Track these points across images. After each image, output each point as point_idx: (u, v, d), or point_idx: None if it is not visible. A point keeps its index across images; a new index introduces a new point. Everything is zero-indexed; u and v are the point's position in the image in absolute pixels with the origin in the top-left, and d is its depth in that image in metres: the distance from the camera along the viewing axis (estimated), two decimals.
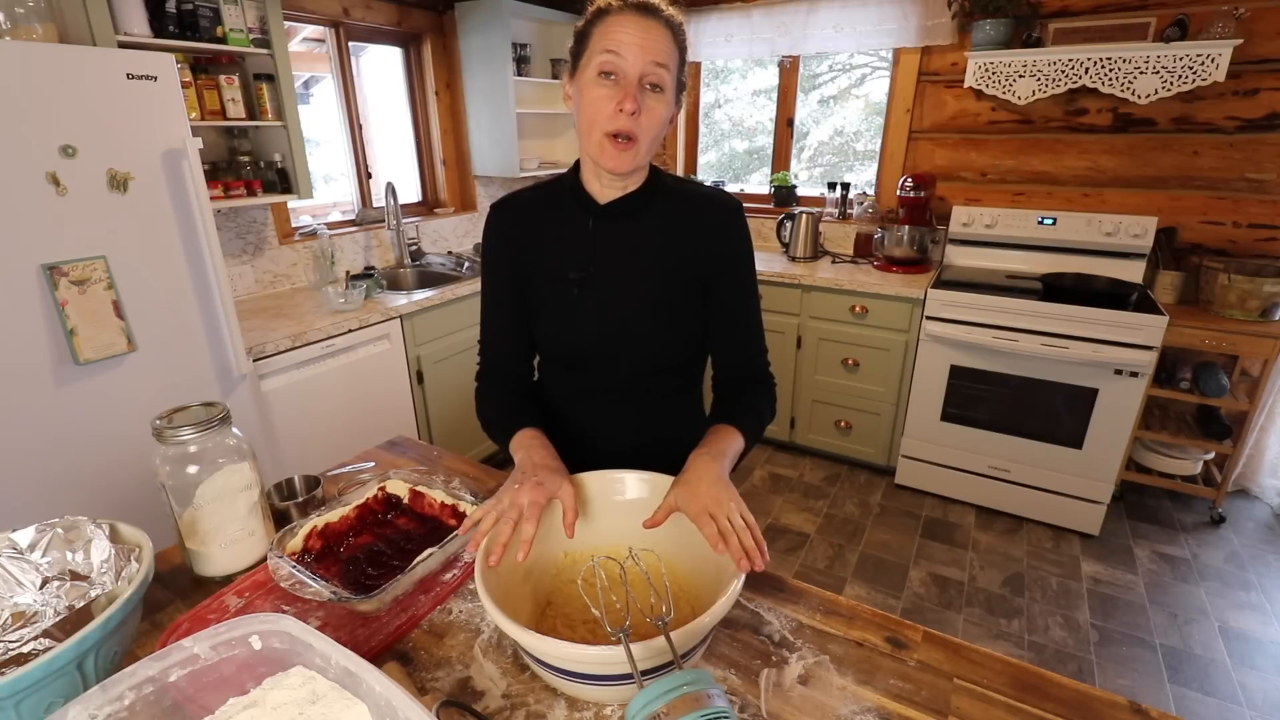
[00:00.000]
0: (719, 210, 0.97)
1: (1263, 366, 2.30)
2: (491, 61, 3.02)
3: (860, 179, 3.36)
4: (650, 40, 0.81)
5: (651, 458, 0.95)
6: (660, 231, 0.95)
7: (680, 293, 0.96)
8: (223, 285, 1.76)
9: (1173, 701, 1.79)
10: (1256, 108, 2.34)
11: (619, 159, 0.86)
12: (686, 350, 1.01)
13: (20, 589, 0.68)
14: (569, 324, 0.98)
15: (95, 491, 1.61)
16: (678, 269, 0.95)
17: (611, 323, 0.96)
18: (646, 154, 0.88)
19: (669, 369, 1.02)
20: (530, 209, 1.00)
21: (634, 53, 0.81)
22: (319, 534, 0.92)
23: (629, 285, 0.96)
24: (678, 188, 0.98)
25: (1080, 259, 2.64)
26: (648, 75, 0.82)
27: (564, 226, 0.97)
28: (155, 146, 1.59)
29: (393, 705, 0.54)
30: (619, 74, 0.82)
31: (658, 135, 0.87)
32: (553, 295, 0.98)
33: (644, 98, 0.83)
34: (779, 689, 0.73)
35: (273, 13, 2.10)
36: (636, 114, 0.83)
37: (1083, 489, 2.43)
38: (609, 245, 0.96)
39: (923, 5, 2.70)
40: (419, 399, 2.53)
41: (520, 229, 1.00)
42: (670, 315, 0.97)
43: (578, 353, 1.00)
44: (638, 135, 0.85)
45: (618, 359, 0.99)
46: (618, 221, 0.96)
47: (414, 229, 3.06)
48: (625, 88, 0.83)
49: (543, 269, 0.98)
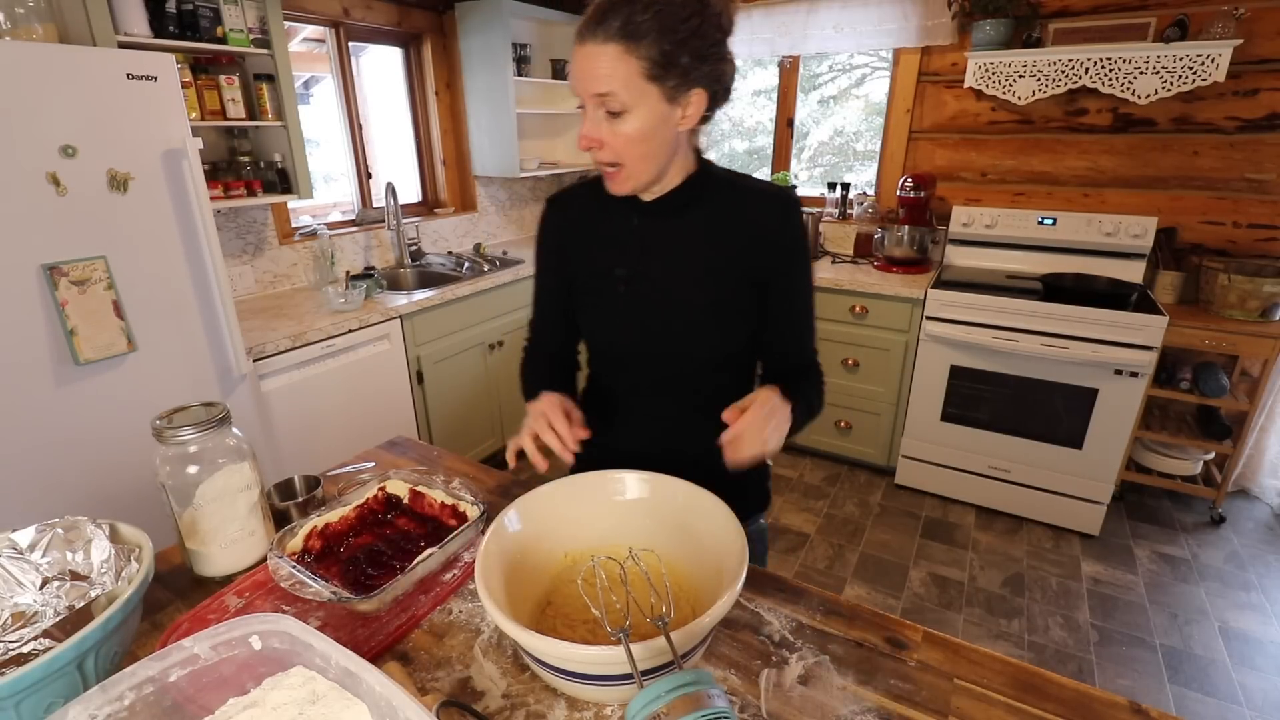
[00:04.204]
0: (772, 204, 0.93)
1: (1263, 366, 2.30)
2: (491, 61, 3.02)
3: (860, 179, 3.36)
4: (588, 68, 0.80)
5: (702, 465, 0.94)
6: (708, 227, 0.93)
7: (729, 291, 0.93)
8: (223, 285, 1.76)
9: (1173, 701, 1.79)
10: (1256, 108, 2.34)
11: (610, 184, 0.90)
12: (734, 348, 0.98)
13: (20, 589, 0.68)
14: (613, 322, 0.98)
15: (95, 491, 1.61)
16: (726, 266, 0.93)
17: (656, 321, 0.95)
18: (640, 173, 0.87)
19: (717, 367, 0.99)
20: (581, 205, 1.01)
21: (581, 86, 0.82)
22: (319, 534, 0.92)
23: (674, 283, 0.94)
24: (729, 181, 0.94)
25: (1080, 259, 2.64)
26: (603, 104, 0.81)
27: (611, 223, 0.97)
28: (155, 146, 1.59)
29: (393, 705, 0.54)
30: (584, 107, 0.84)
31: (645, 151, 0.85)
32: (599, 292, 0.98)
33: (607, 124, 0.83)
34: (779, 689, 0.73)
35: (273, 13, 2.10)
36: (598, 146, 0.84)
37: (1083, 489, 2.43)
38: (654, 243, 0.95)
39: (923, 5, 2.70)
40: (419, 399, 2.53)
41: (570, 225, 1.01)
42: (717, 314, 0.94)
43: (622, 350, 1.00)
44: (615, 160, 0.85)
45: (663, 357, 0.98)
46: (663, 218, 0.94)
47: (414, 229, 3.06)
48: (585, 122, 0.84)
49: (590, 266, 0.98)
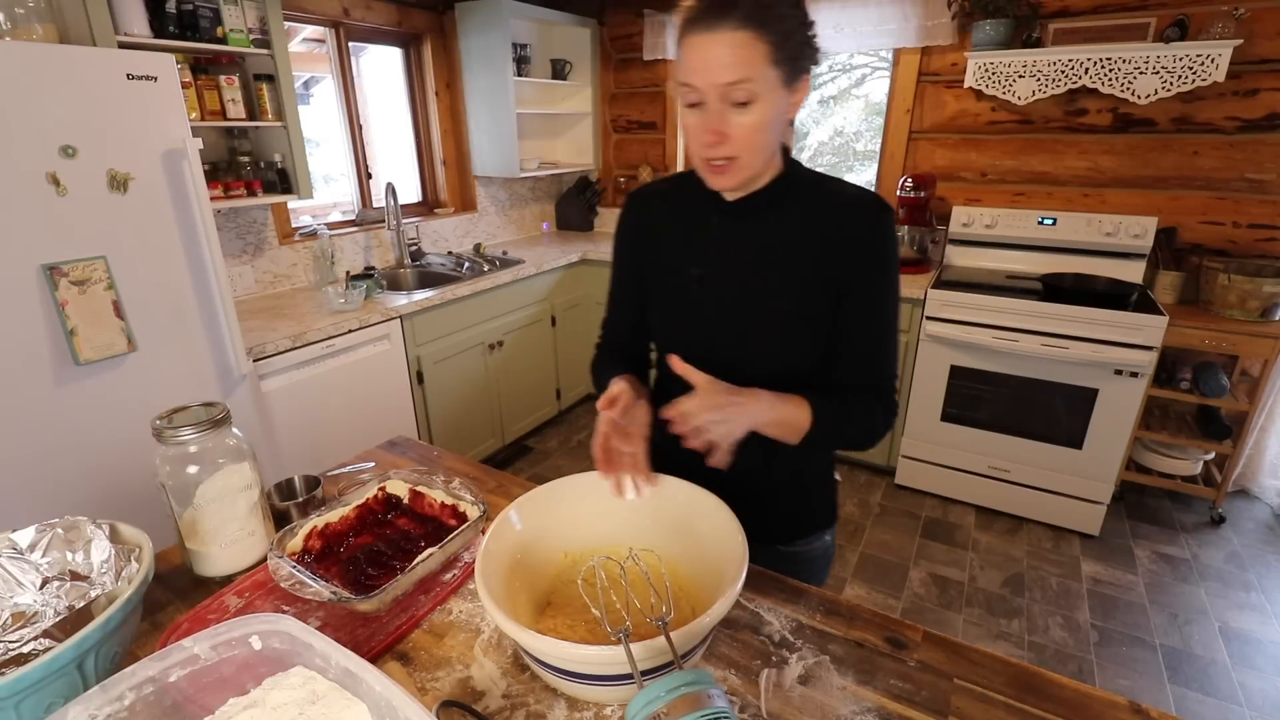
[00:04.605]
0: (862, 211, 0.87)
1: (1263, 366, 2.30)
2: (491, 62, 3.02)
3: (860, 179, 3.36)
4: (718, 56, 0.74)
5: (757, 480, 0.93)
6: (794, 232, 0.88)
7: (807, 298, 0.88)
8: (223, 285, 1.76)
9: (1173, 701, 1.79)
10: (1256, 108, 2.34)
11: (719, 181, 0.84)
12: (808, 361, 0.93)
13: (20, 589, 0.68)
14: (684, 322, 0.96)
15: (95, 491, 1.61)
16: (811, 275, 0.88)
17: (728, 324, 0.92)
18: (753, 165, 0.83)
19: (789, 379, 0.94)
20: (660, 201, 0.99)
21: (704, 79, 0.76)
22: (319, 534, 0.92)
23: (751, 287, 0.90)
24: (816, 183, 0.90)
25: (1080, 259, 2.64)
26: (727, 95, 0.76)
27: (690, 222, 0.95)
28: (155, 147, 1.59)
29: (393, 705, 0.54)
30: (700, 101, 0.78)
31: (763, 142, 0.80)
32: (672, 291, 0.96)
33: (730, 116, 0.77)
34: (779, 689, 0.73)
35: (273, 13, 2.10)
36: (722, 141, 0.79)
37: (1083, 489, 2.43)
38: (734, 244, 0.91)
39: (923, 5, 2.69)
40: (419, 399, 2.53)
41: (648, 221, 0.99)
42: (793, 321, 0.90)
43: (690, 352, 0.96)
44: (735, 153, 0.80)
45: (732, 363, 0.92)
46: (745, 219, 0.90)
47: (414, 229, 3.06)
48: (707, 117, 0.78)
49: (665, 263, 0.96)
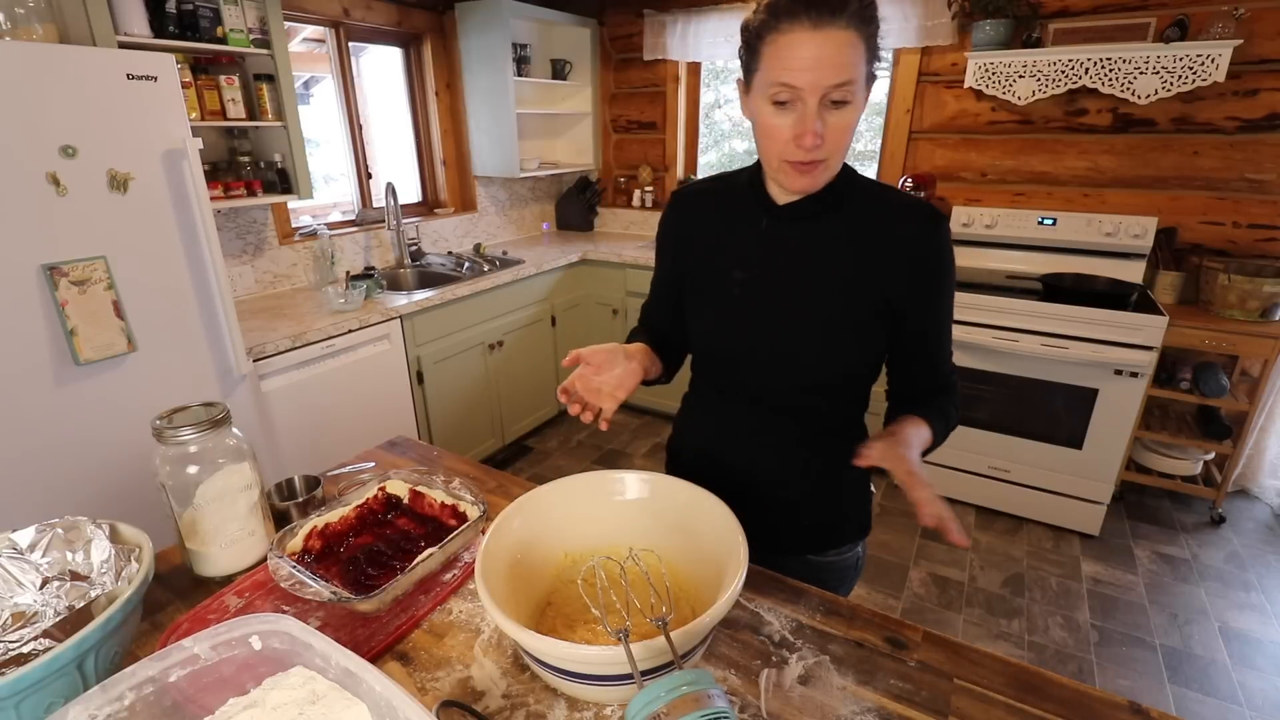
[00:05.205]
0: (918, 220, 0.84)
1: (1263, 366, 2.30)
2: (491, 62, 3.02)
3: None
4: (829, 55, 0.70)
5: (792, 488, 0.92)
6: (844, 239, 0.85)
7: (857, 309, 0.85)
8: (223, 285, 1.76)
9: (1173, 701, 1.79)
10: (1256, 108, 2.34)
11: (803, 181, 0.80)
12: (850, 373, 0.90)
13: (20, 589, 0.68)
14: (723, 325, 0.93)
15: (95, 491, 1.61)
16: (859, 284, 0.85)
17: (769, 329, 0.89)
18: (836, 167, 0.81)
19: (828, 392, 0.92)
20: (706, 201, 0.97)
21: (810, 79, 0.71)
22: (319, 534, 0.92)
23: (797, 294, 0.87)
24: (871, 190, 0.87)
25: (1080, 259, 2.64)
26: (830, 95, 0.72)
27: (736, 223, 0.92)
28: (155, 147, 1.59)
29: (393, 705, 0.54)
30: (796, 102, 0.74)
31: (849, 141, 0.78)
32: (712, 292, 0.94)
33: (828, 116, 0.74)
34: (779, 689, 0.73)
35: (273, 13, 2.10)
36: (819, 145, 0.75)
37: (1083, 489, 2.43)
38: (782, 248, 0.88)
39: (923, 5, 2.69)
40: (419, 399, 2.53)
41: (692, 220, 0.98)
42: (840, 332, 0.87)
43: (726, 356, 0.95)
44: (828, 154, 0.77)
45: (769, 371, 0.90)
46: (795, 224, 0.87)
47: (414, 229, 3.06)
48: (804, 119, 0.74)
49: (707, 264, 0.94)
